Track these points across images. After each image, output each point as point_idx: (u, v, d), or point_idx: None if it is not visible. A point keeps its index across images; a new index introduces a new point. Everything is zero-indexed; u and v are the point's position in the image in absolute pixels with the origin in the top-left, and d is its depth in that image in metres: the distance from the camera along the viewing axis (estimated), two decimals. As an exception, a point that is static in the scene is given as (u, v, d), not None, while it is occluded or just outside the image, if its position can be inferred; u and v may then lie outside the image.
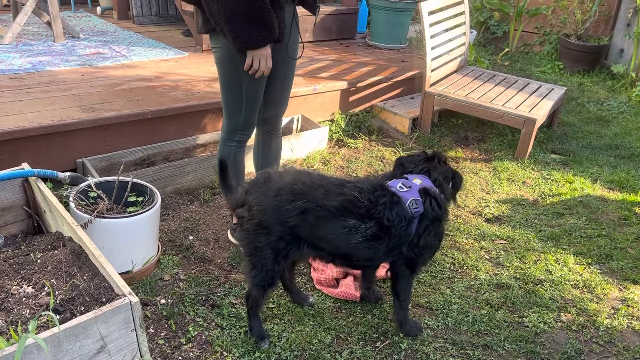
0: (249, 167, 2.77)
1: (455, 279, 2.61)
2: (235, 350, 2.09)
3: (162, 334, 2.16)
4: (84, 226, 2.13)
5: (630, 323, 2.40)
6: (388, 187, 2.01)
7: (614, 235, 3.04)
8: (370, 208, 1.92)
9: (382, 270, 2.55)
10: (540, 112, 3.88)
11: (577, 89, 5.51)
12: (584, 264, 2.78)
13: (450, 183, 2.16)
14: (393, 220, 1.93)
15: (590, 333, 2.33)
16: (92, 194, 2.38)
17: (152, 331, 2.16)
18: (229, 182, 2.17)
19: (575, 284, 2.63)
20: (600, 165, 3.90)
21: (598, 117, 4.82)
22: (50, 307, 1.73)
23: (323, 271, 2.58)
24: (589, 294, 2.57)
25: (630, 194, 3.49)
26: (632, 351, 2.23)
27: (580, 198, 3.42)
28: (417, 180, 2.05)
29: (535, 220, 3.16)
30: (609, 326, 2.36)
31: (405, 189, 2.00)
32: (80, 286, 1.82)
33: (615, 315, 2.43)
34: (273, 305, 2.36)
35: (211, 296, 2.39)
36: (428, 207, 1.99)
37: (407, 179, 2.07)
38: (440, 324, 2.32)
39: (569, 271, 2.72)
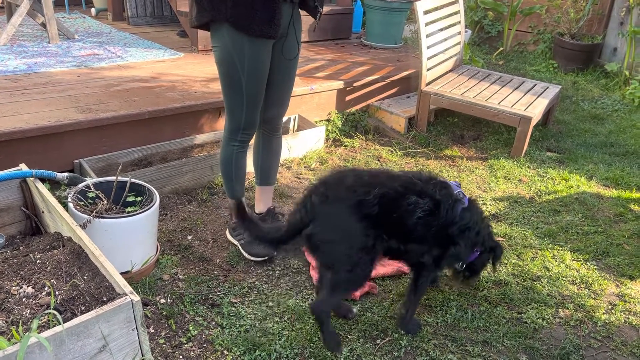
0: (248, 167, 2.77)
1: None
2: (235, 348, 2.09)
3: (163, 334, 2.16)
4: (83, 226, 2.13)
5: (628, 318, 2.41)
6: (437, 176, 2.19)
7: (610, 231, 3.06)
8: (424, 187, 2.07)
9: (383, 270, 2.56)
10: (536, 110, 3.90)
11: (571, 87, 5.54)
12: (580, 261, 2.80)
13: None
14: (442, 196, 2.07)
15: (588, 328, 2.34)
16: (90, 194, 2.37)
17: (153, 331, 2.16)
18: (249, 217, 2.20)
19: (572, 280, 2.65)
20: (595, 162, 3.93)
21: (592, 115, 4.85)
22: (51, 307, 1.73)
23: (322, 270, 2.58)
24: (587, 290, 2.59)
25: (625, 191, 3.52)
26: (630, 346, 2.25)
27: (576, 195, 3.44)
28: None
29: (532, 218, 3.18)
30: (607, 321, 2.38)
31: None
32: (81, 286, 1.82)
33: (612, 311, 2.45)
34: (273, 304, 2.37)
35: (211, 295, 2.39)
36: (472, 203, 2.18)
37: None
38: (439, 321, 2.33)
39: (566, 267, 2.73)
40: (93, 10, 6.08)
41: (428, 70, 4.18)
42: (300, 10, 2.42)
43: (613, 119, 4.78)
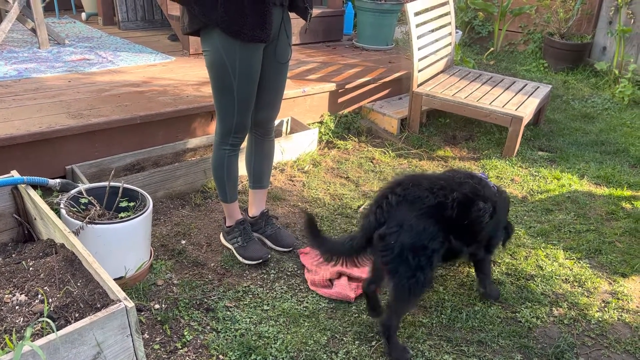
0: (241, 170, 2.77)
1: (448, 277, 2.63)
2: (231, 353, 2.09)
3: (158, 339, 2.15)
4: (76, 232, 2.12)
5: (621, 316, 2.43)
6: (477, 175, 2.31)
7: (602, 229, 3.08)
8: (485, 192, 2.21)
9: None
10: (527, 110, 3.93)
11: (561, 86, 5.58)
12: (573, 259, 2.81)
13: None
14: (498, 199, 2.26)
15: (582, 326, 2.36)
16: (83, 200, 2.36)
17: (147, 336, 2.15)
18: (319, 231, 2.20)
19: (565, 279, 2.66)
20: (586, 161, 3.95)
21: (583, 114, 4.88)
22: (45, 315, 1.72)
23: (316, 272, 2.58)
24: (580, 288, 2.60)
25: (616, 189, 3.54)
26: (624, 343, 2.27)
27: (568, 194, 3.46)
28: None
29: (525, 217, 3.20)
30: (600, 319, 2.40)
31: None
32: (74, 293, 1.81)
33: (605, 309, 2.47)
34: (267, 308, 2.37)
35: (205, 300, 2.38)
36: (499, 191, 2.36)
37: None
38: (434, 321, 2.34)
39: (560, 266, 2.75)
40: (83, 14, 6.05)
41: (419, 71, 4.19)
42: (290, 13, 2.42)
43: (603, 118, 4.82)
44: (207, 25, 2.20)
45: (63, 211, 2.27)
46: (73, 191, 2.41)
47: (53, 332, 1.48)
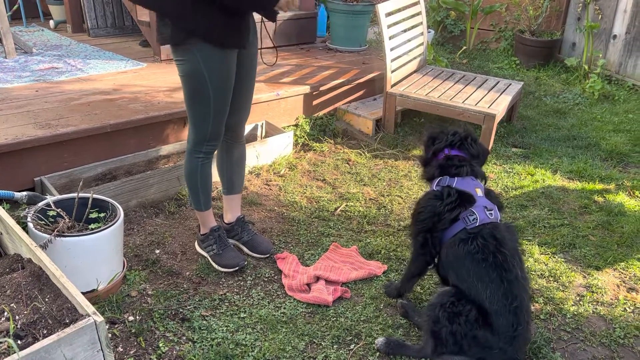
0: (214, 176, 2.73)
1: (425, 276, 2.63)
2: (207, 363, 2.06)
3: (132, 352, 2.10)
4: (44, 246, 2.07)
5: (596, 309, 2.46)
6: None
7: (575, 223, 3.12)
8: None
9: (355, 274, 2.55)
10: (499, 107, 3.96)
11: (533, 83, 5.65)
12: (548, 254, 2.84)
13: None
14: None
15: (558, 321, 2.38)
16: (51, 213, 2.30)
17: (121, 349, 2.11)
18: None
19: (541, 274, 2.68)
20: (559, 156, 4.01)
21: (555, 109, 4.95)
22: (11, 333, 1.67)
23: (294, 277, 2.56)
24: (555, 282, 2.63)
25: (589, 183, 3.60)
26: (599, 336, 2.29)
27: (542, 189, 3.50)
28: (479, 192, 2.19)
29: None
30: (576, 313, 2.42)
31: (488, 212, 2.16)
32: (42, 309, 1.76)
33: (580, 302, 2.50)
34: (244, 315, 2.34)
35: (181, 310, 2.35)
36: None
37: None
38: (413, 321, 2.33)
39: (535, 261, 2.77)
40: (51, 22, 5.94)
41: (392, 72, 4.20)
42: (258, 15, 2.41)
43: (575, 113, 4.89)
44: (192, 37, 2.17)
45: (30, 225, 2.21)
46: (41, 204, 2.36)
47: (15, 352, 1.43)
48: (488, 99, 4.10)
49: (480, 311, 1.94)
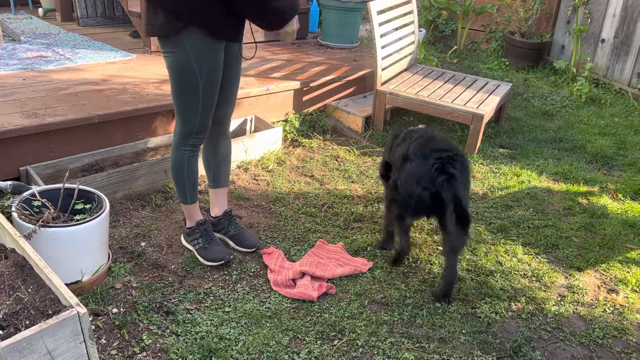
0: (200, 170, 2.73)
1: (410, 274, 2.66)
2: (191, 356, 2.06)
3: (115, 344, 2.10)
4: (28, 236, 2.05)
5: (576, 309, 2.50)
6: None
7: (559, 225, 3.16)
8: None
9: (341, 270, 2.56)
10: (488, 107, 3.99)
11: (522, 84, 5.70)
12: (532, 254, 2.88)
13: None
14: None
15: (539, 320, 2.41)
16: (36, 203, 2.29)
17: (104, 342, 2.10)
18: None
19: (524, 274, 2.72)
20: (545, 157, 4.05)
21: (542, 111, 5.00)
22: (-7, 323, 1.66)
23: (279, 272, 2.57)
24: (537, 282, 2.67)
25: (573, 185, 3.64)
26: (578, 336, 2.33)
27: (528, 190, 3.54)
28: None
29: (485, 213, 3.25)
30: (556, 313, 2.46)
31: None
32: (25, 299, 1.76)
33: (562, 302, 2.53)
34: (229, 309, 2.34)
35: (165, 303, 2.34)
36: None
37: None
38: (396, 318, 2.36)
39: (518, 261, 2.81)
40: (40, 10, 5.87)
41: (383, 69, 4.22)
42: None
43: (562, 115, 4.94)
44: (186, 27, 2.16)
45: (15, 214, 2.20)
46: (26, 193, 2.34)
47: (-2, 341, 1.43)
48: (477, 100, 4.13)
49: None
